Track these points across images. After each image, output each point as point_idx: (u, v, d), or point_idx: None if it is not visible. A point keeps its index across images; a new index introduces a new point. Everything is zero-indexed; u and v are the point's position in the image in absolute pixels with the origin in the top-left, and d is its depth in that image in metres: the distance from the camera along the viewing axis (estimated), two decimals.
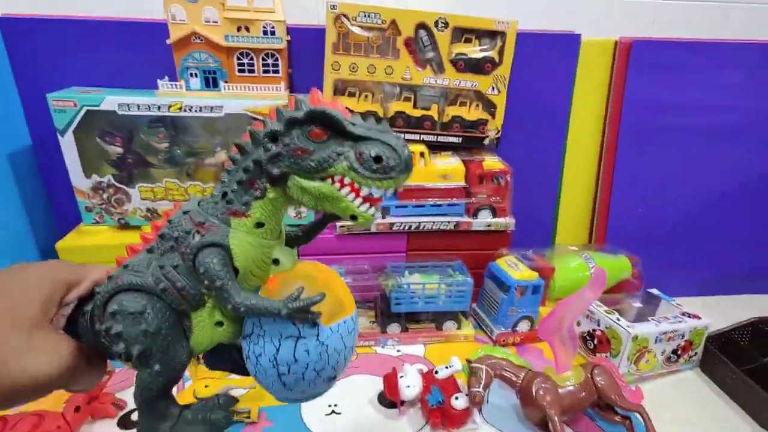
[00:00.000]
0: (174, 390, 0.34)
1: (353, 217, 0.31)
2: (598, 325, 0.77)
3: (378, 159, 0.29)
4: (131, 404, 0.64)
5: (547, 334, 0.63)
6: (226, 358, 0.38)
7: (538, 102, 0.93)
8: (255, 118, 0.78)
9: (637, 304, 0.82)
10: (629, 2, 0.97)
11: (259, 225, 0.32)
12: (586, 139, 0.98)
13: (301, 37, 0.84)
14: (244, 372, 0.35)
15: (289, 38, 0.82)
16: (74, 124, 0.74)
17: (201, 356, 0.38)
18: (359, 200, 0.30)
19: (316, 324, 0.31)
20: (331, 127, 0.29)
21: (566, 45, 0.91)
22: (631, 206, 1.00)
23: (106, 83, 0.82)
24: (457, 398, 0.63)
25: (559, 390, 0.61)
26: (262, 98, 0.80)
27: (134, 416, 0.33)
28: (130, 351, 0.30)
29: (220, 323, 0.33)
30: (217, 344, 0.35)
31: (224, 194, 0.32)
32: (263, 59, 0.82)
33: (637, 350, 0.72)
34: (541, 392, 0.60)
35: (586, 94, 0.95)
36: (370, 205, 0.31)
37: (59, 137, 0.74)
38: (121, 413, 0.63)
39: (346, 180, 0.30)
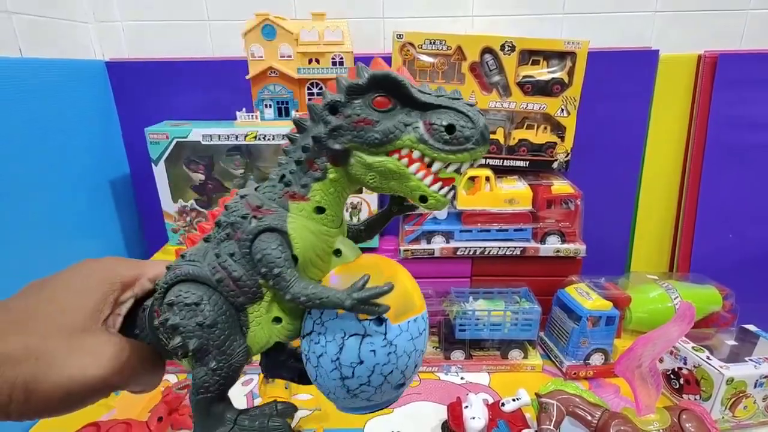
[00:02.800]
0: (244, 405, 0.32)
1: (423, 199, 0.28)
2: (685, 363, 0.70)
3: (450, 128, 0.26)
4: None
5: (626, 372, 0.58)
6: (285, 364, 0.36)
7: (611, 123, 0.89)
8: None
9: (731, 342, 0.74)
10: (711, 14, 0.90)
11: (320, 210, 0.30)
12: (666, 160, 0.92)
13: (367, 65, 0.88)
14: (304, 380, 0.33)
15: None
16: (166, 155, 0.82)
17: (260, 364, 0.37)
18: (430, 178, 0.27)
19: (383, 320, 0.28)
20: (396, 94, 0.27)
21: (643, 62, 0.86)
22: (719, 232, 0.91)
23: (193, 116, 0.90)
24: None
25: None
26: None
27: (193, 417, 0.33)
28: (187, 344, 0.28)
29: (278, 319, 0.31)
30: (276, 347, 0.32)
31: (282, 176, 0.30)
32: None
33: (732, 394, 0.65)
34: None
35: (666, 112, 0.89)
36: (443, 185, 0.28)
37: (153, 166, 0.82)
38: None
39: (415, 154, 0.27)
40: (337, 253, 0.31)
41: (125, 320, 0.31)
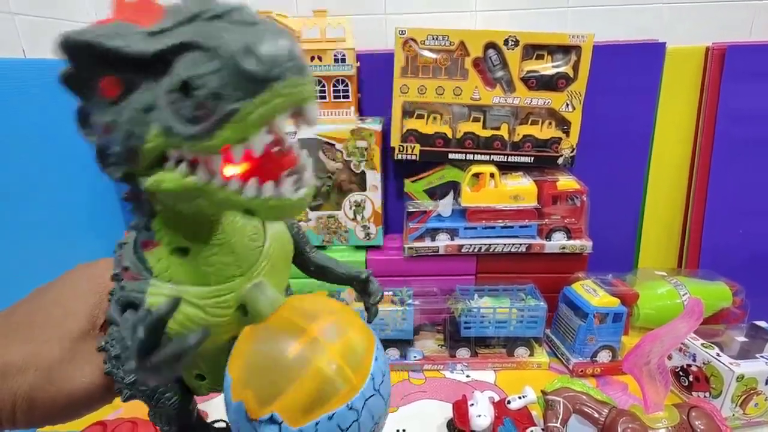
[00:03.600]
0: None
1: (249, 212, 0.19)
2: (694, 360, 0.69)
3: (185, 88, 0.15)
4: (213, 415, 0.68)
5: (633, 369, 0.58)
6: None
7: (617, 117, 0.88)
8: (327, 143, 0.82)
9: (741, 338, 0.73)
10: (719, 5, 0.89)
11: (181, 252, 0.22)
12: (674, 154, 0.90)
13: (370, 63, 0.87)
14: None
15: (358, 64, 0.85)
16: None
17: None
18: (234, 180, 0.17)
19: (276, 422, 0.21)
20: (115, 65, 0.17)
21: (649, 55, 0.85)
22: (728, 227, 0.90)
23: None
24: None
25: None
26: (333, 123, 0.83)
27: (217, 425, 0.32)
28: (121, 392, 0.28)
29: (201, 376, 0.29)
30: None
31: (134, 222, 0.24)
32: (334, 85, 0.86)
33: (743, 392, 0.63)
34: None
35: (673, 106, 0.88)
36: (261, 179, 0.17)
37: None
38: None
39: (186, 153, 0.17)
40: (243, 310, 0.24)
41: None
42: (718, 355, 0.66)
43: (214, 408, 0.68)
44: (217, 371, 0.26)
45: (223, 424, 0.34)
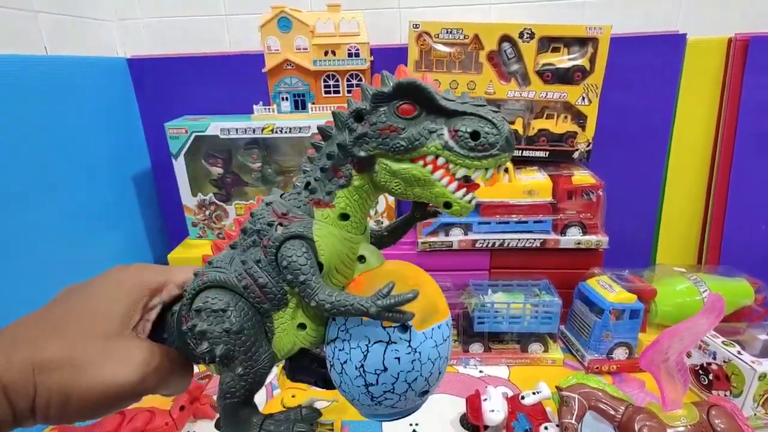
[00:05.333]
0: (263, 397, 0.33)
1: (447, 205, 0.28)
2: (714, 359, 0.68)
3: (475, 135, 0.26)
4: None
5: (651, 365, 0.56)
6: (309, 369, 0.36)
7: (635, 111, 0.86)
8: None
9: (763, 336, 0.71)
10: None
11: (344, 217, 0.30)
12: (694, 148, 0.88)
13: (384, 57, 0.87)
14: (328, 385, 0.33)
15: (372, 58, 0.85)
16: (185, 149, 0.83)
17: (282, 367, 0.37)
18: (454, 184, 0.27)
19: (407, 327, 0.28)
20: (421, 101, 0.27)
21: (669, 46, 0.83)
22: (750, 222, 0.88)
23: (212, 111, 0.91)
24: (546, 428, 0.59)
25: (668, 430, 0.54)
26: None
27: (221, 420, 0.33)
28: (214, 350, 0.29)
29: (303, 326, 0.31)
30: (300, 353, 0.32)
31: (307, 184, 0.30)
32: (348, 80, 0.86)
33: (765, 390, 0.62)
34: (646, 431, 0.54)
35: (694, 99, 0.86)
36: (467, 191, 0.27)
37: (173, 160, 0.83)
38: (218, 415, 0.69)
39: (440, 161, 0.27)
40: (362, 259, 0.31)
41: (153, 326, 0.32)
42: (739, 353, 0.65)
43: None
44: (318, 321, 0.31)
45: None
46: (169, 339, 0.33)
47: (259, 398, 0.66)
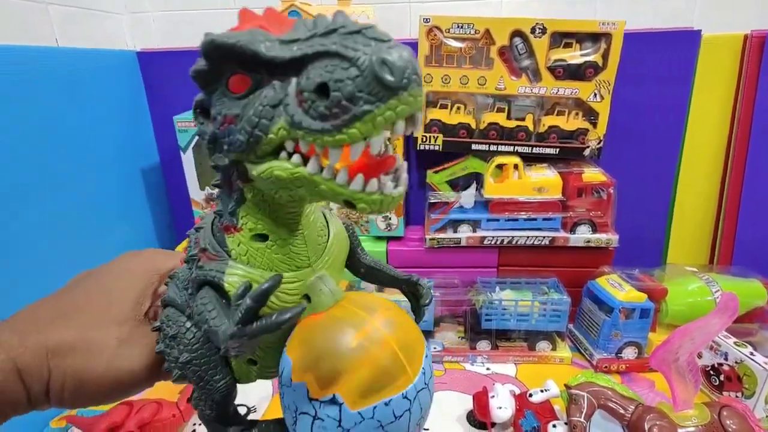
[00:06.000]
0: (269, 391, 0.31)
1: (349, 204, 0.20)
2: (726, 359, 0.67)
3: (322, 90, 0.17)
4: None
5: (662, 365, 0.56)
6: None
7: (648, 108, 0.85)
8: None
9: None
10: None
11: (261, 238, 0.24)
12: (707, 147, 0.87)
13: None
14: None
15: None
16: (194, 143, 0.83)
17: None
18: (342, 174, 0.19)
19: (337, 404, 0.22)
20: (246, 63, 0.19)
21: (684, 43, 0.82)
22: (764, 222, 0.86)
23: None
24: (555, 426, 0.59)
25: (679, 430, 0.53)
26: None
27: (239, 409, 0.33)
28: (171, 371, 0.28)
29: (252, 361, 0.29)
30: None
31: (218, 208, 0.25)
32: None
33: None
34: (656, 430, 0.53)
35: (708, 97, 0.84)
36: (367, 176, 0.19)
37: (181, 154, 0.84)
38: None
39: (303, 146, 0.19)
40: (307, 299, 0.25)
41: None
42: (752, 354, 0.64)
43: None
44: (269, 357, 0.27)
45: (244, 409, 0.34)
46: None
47: (263, 393, 0.66)
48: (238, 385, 0.31)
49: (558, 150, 0.83)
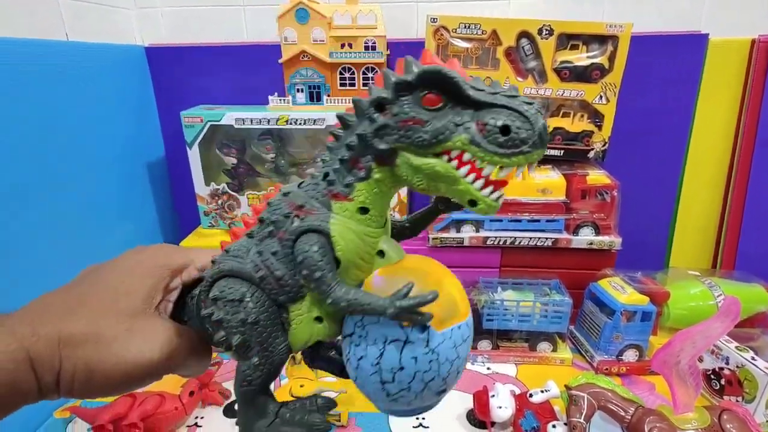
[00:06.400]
0: (271, 385, 0.32)
1: (472, 203, 0.26)
2: (727, 363, 0.67)
3: (505, 130, 0.24)
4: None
5: (663, 368, 0.56)
6: (327, 357, 0.36)
7: (654, 111, 0.85)
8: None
9: None
10: None
11: (364, 210, 0.28)
12: (712, 151, 0.87)
13: (400, 51, 0.87)
14: (345, 374, 0.32)
15: (388, 52, 0.85)
16: (200, 138, 0.83)
17: (302, 354, 0.36)
18: (481, 181, 0.26)
19: (426, 327, 0.27)
20: (447, 91, 0.25)
21: (691, 46, 0.82)
22: (767, 227, 0.86)
23: (227, 101, 0.92)
24: (554, 426, 0.59)
25: None
26: None
27: (237, 406, 0.33)
28: (230, 339, 0.29)
29: (319, 319, 0.30)
30: (318, 342, 0.32)
31: (326, 175, 0.29)
32: (364, 73, 0.86)
33: None
34: None
35: (714, 101, 0.84)
36: (494, 189, 0.26)
37: (187, 149, 0.84)
38: (227, 402, 0.69)
39: (466, 156, 0.25)
40: (381, 254, 0.30)
41: (174, 307, 0.32)
42: (753, 359, 0.64)
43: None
44: (335, 315, 0.30)
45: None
46: (190, 321, 0.33)
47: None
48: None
49: (562, 152, 0.83)
